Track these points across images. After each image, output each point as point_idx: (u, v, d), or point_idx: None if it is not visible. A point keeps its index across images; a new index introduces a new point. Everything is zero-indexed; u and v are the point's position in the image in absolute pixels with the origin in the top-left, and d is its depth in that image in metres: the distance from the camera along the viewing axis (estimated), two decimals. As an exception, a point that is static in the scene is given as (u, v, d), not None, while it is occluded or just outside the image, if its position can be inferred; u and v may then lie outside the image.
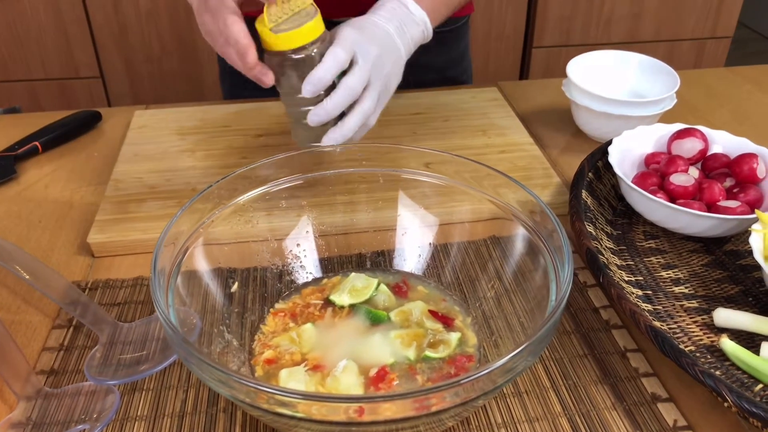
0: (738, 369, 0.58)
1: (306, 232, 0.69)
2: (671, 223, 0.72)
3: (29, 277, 0.63)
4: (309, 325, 0.61)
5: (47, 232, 0.78)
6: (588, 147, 0.86)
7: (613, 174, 0.77)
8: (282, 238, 0.68)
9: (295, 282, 0.67)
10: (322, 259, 0.69)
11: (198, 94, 2.06)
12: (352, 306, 0.63)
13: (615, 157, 0.76)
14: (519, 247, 0.62)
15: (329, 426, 0.45)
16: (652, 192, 0.72)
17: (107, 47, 1.98)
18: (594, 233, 0.71)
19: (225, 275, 0.64)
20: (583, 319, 0.65)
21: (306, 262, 0.68)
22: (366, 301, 0.64)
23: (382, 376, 0.56)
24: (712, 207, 0.72)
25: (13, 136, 0.93)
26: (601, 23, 2.13)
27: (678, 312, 0.64)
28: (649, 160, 0.80)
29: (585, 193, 0.76)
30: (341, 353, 0.58)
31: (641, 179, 0.76)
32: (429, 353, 0.58)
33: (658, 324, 0.62)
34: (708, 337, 0.61)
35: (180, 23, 1.96)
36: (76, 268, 0.73)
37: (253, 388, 0.44)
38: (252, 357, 0.59)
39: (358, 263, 0.69)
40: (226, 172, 0.71)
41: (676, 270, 0.70)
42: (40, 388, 0.58)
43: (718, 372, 0.58)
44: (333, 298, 0.64)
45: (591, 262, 0.65)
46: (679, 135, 0.79)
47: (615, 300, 0.61)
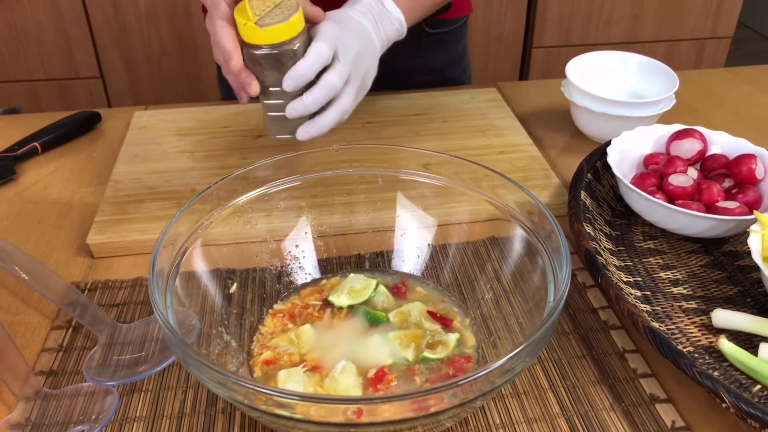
0: (736, 370, 0.58)
1: (305, 233, 0.69)
2: (670, 224, 0.72)
3: (28, 278, 0.63)
4: (308, 326, 0.61)
5: (46, 232, 0.78)
6: (587, 147, 0.86)
7: (612, 175, 0.77)
8: (281, 239, 0.68)
9: (294, 283, 0.67)
10: (320, 260, 0.69)
11: (198, 93, 2.06)
12: (350, 307, 0.63)
13: (614, 158, 0.76)
14: (517, 248, 0.62)
15: (328, 427, 0.45)
16: (650, 193, 0.72)
17: (107, 47, 1.98)
18: (593, 234, 0.71)
19: (224, 276, 0.64)
20: (582, 320, 0.65)
21: (305, 263, 0.68)
22: (365, 302, 0.64)
23: (380, 377, 0.56)
24: (710, 208, 0.72)
25: (13, 136, 0.93)
26: (601, 23, 2.13)
27: (676, 313, 0.64)
28: (648, 160, 0.80)
29: (584, 194, 0.76)
30: (340, 354, 0.58)
31: (640, 180, 0.76)
32: (427, 354, 0.58)
33: (656, 325, 0.62)
34: (706, 338, 0.62)
35: (180, 23, 1.97)
36: (75, 268, 0.73)
37: (251, 389, 0.44)
38: (251, 358, 0.59)
39: (356, 264, 0.69)
40: (225, 172, 0.71)
41: (674, 271, 0.70)
42: (39, 388, 0.58)
43: (716, 373, 0.58)
44: (332, 299, 0.64)
45: (590, 262, 0.65)
46: (678, 136, 0.79)
47: (613, 301, 0.61)
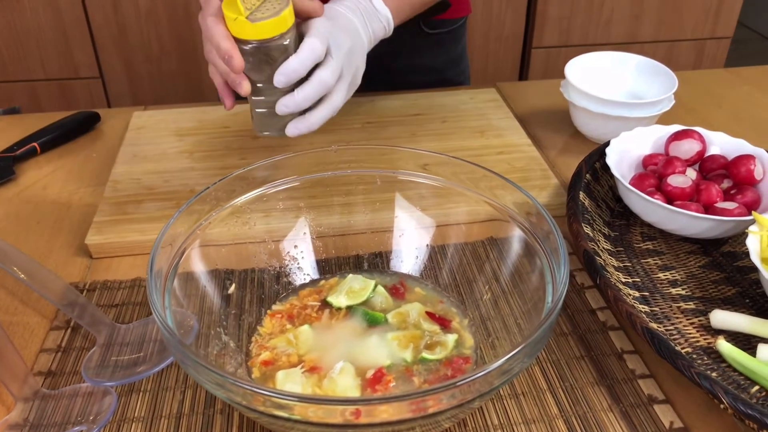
0: (734, 371, 0.58)
1: (303, 233, 0.69)
2: (669, 225, 0.72)
3: (27, 278, 0.63)
4: (306, 327, 0.61)
5: (45, 233, 0.78)
6: (586, 148, 0.86)
7: (611, 175, 0.77)
8: (279, 239, 0.68)
9: (293, 283, 0.67)
10: (319, 261, 0.69)
11: (197, 93, 2.06)
12: (349, 307, 0.63)
13: (613, 159, 0.76)
14: (516, 249, 0.62)
15: (326, 428, 0.45)
16: (649, 193, 0.72)
17: (107, 48, 1.98)
18: (591, 234, 0.71)
19: (222, 277, 0.64)
20: (580, 321, 0.65)
21: (303, 263, 0.68)
22: (363, 303, 0.64)
23: (379, 377, 0.56)
24: (709, 208, 0.72)
25: (12, 136, 0.93)
26: (601, 24, 2.13)
27: (675, 313, 0.64)
28: (647, 161, 0.80)
29: (582, 195, 0.76)
30: (338, 355, 0.58)
31: (639, 180, 0.76)
32: (426, 355, 0.58)
33: (654, 326, 0.62)
34: (705, 339, 0.61)
35: (179, 23, 1.97)
36: (74, 269, 0.73)
37: (250, 390, 0.44)
38: (249, 358, 0.59)
39: (355, 265, 0.69)
40: (224, 173, 0.71)
41: (673, 271, 0.70)
42: (37, 389, 0.58)
43: (714, 374, 0.58)
44: (330, 299, 0.64)
45: (588, 263, 0.65)
46: (677, 136, 0.79)
47: (612, 301, 0.61)
